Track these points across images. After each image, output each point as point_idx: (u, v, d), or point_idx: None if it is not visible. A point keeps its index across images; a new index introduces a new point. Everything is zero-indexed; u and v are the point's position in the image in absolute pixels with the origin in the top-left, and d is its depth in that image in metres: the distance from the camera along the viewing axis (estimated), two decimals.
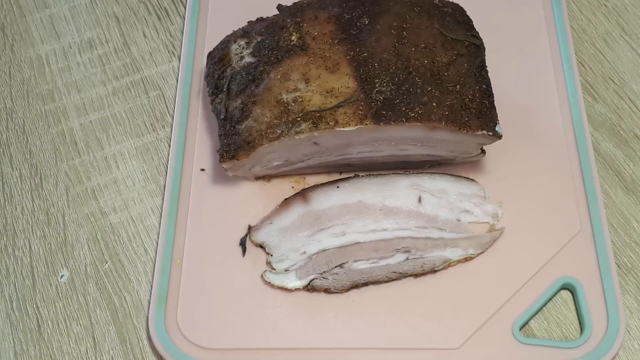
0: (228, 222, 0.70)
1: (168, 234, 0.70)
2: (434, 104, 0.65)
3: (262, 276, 0.68)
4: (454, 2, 0.73)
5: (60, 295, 0.70)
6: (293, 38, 0.69)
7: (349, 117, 0.64)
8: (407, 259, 0.67)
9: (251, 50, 0.70)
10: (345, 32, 0.69)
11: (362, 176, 0.71)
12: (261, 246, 0.69)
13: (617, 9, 0.85)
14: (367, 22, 0.69)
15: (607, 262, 0.68)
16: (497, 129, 0.66)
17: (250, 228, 0.70)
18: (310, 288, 0.67)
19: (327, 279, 0.67)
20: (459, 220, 0.70)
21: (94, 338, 0.68)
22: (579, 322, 0.67)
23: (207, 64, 0.73)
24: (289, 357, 0.64)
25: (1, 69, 0.82)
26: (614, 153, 0.75)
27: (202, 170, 0.74)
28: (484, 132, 0.65)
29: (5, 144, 0.77)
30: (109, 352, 0.67)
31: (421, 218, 0.69)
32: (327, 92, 0.66)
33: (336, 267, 0.67)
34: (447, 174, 0.72)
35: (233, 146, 0.66)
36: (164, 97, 0.80)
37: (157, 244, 0.70)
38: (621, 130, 0.77)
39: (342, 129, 0.64)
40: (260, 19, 0.73)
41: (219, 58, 0.72)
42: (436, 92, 0.65)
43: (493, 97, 0.67)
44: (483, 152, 0.70)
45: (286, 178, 0.73)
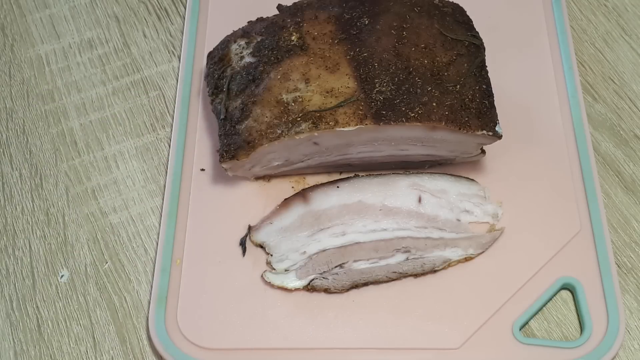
0: (228, 222, 0.70)
1: (168, 234, 0.70)
2: (434, 104, 0.65)
3: (262, 276, 0.68)
4: (454, 2, 0.73)
5: (60, 295, 0.70)
6: (293, 38, 0.69)
7: (349, 117, 0.64)
8: (407, 259, 0.67)
9: (251, 50, 0.70)
10: (345, 32, 0.69)
11: (362, 176, 0.71)
12: (261, 246, 0.69)
13: (617, 9, 0.85)
14: (367, 22, 0.69)
15: (607, 262, 0.68)
16: (497, 129, 0.66)
17: (250, 228, 0.70)
18: (310, 288, 0.67)
19: (327, 279, 0.67)
20: (459, 220, 0.70)
21: (94, 338, 0.68)
22: (579, 322, 0.67)
23: (207, 64, 0.73)
24: (289, 357, 0.64)
25: (1, 69, 0.82)
26: (614, 153, 0.75)
27: (202, 170, 0.74)
28: (484, 132, 0.65)
29: (5, 144, 0.77)
30: (109, 352, 0.67)
31: (421, 218, 0.69)
32: (327, 92, 0.66)
33: (336, 267, 0.67)
34: (447, 174, 0.72)
35: (233, 146, 0.66)
36: (164, 97, 0.80)
37: (157, 244, 0.70)
38: (621, 130, 0.77)
39: (342, 129, 0.64)
40: (260, 19, 0.73)
41: (219, 58, 0.72)
42: (436, 92, 0.65)
43: (493, 97, 0.67)
44: (483, 152, 0.70)
45: (286, 178, 0.73)
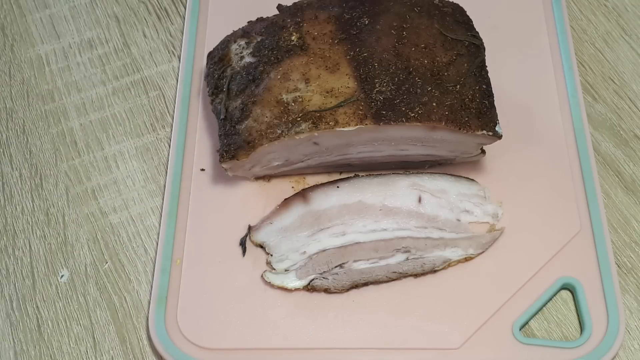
0: (228, 222, 0.70)
1: (168, 234, 0.70)
2: (434, 104, 0.65)
3: (262, 276, 0.68)
4: (454, 2, 0.73)
5: (60, 295, 0.70)
6: (293, 38, 0.69)
7: (349, 117, 0.64)
8: (407, 259, 0.67)
9: (251, 50, 0.70)
10: (345, 32, 0.69)
11: (362, 176, 0.71)
12: (261, 246, 0.69)
13: (617, 9, 0.85)
14: (367, 22, 0.69)
15: (607, 262, 0.68)
16: (497, 129, 0.66)
17: (250, 228, 0.70)
18: (310, 288, 0.67)
19: (327, 279, 0.67)
20: (459, 220, 0.69)
21: (94, 338, 0.68)
22: (579, 322, 0.67)
23: (207, 64, 0.73)
24: (289, 357, 0.64)
25: (1, 69, 0.82)
26: (614, 153, 0.75)
27: (202, 170, 0.74)
28: (484, 132, 0.65)
29: (5, 144, 0.77)
30: (109, 352, 0.67)
31: (421, 218, 0.69)
32: (327, 92, 0.66)
33: (336, 267, 0.67)
34: (447, 174, 0.72)
35: (233, 146, 0.66)
36: (164, 97, 0.80)
37: (157, 244, 0.70)
38: (621, 130, 0.77)
39: (342, 129, 0.64)
40: (260, 19, 0.73)
41: (219, 58, 0.72)
42: (436, 92, 0.65)
43: (493, 97, 0.67)
44: (483, 152, 0.70)
45: (286, 178, 0.73)
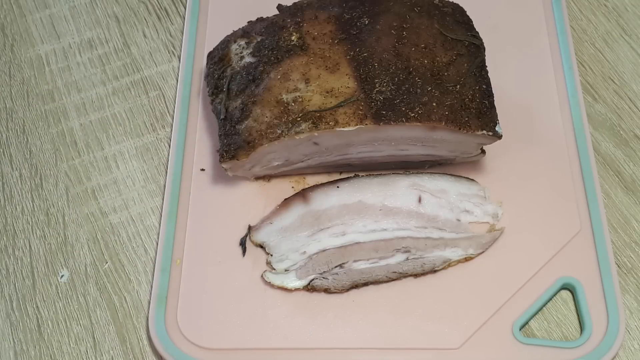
0: (228, 222, 0.70)
1: (168, 234, 0.70)
2: (434, 104, 0.65)
3: (262, 276, 0.68)
4: (454, 2, 0.73)
5: (60, 295, 0.70)
6: (293, 38, 0.69)
7: (349, 117, 0.64)
8: (407, 259, 0.67)
9: (251, 50, 0.70)
10: (345, 32, 0.69)
11: (362, 176, 0.71)
12: (261, 246, 0.69)
13: (617, 9, 0.85)
14: (367, 22, 0.69)
15: (607, 262, 0.68)
16: (497, 129, 0.66)
17: (250, 228, 0.70)
18: (310, 288, 0.67)
19: (327, 279, 0.67)
20: (459, 220, 0.69)
21: (94, 338, 0.68)
22: (579, 322, 0.67)
23: (207, 64, 0.73)
24: (289, 357, 0.64)
25: (1, 69, 0.82)
26: (614, 153, 0.75)
27: (202, 170, 0.74)
28: (484, 132, 0.65)
29: (5, 144, 0.77)
30: (109, 352, 0.67)
31: (421, 218, 0.69)
32: (327, 92, 0.66)
33: (336, 267, 0.67)
34: (447, 174, 0.72)
35: (233, 146, 0.66)
36: (164, 97, 0.80)
37: (157, 244, 0.70)
38: (621, 130, 0.77)
39: (342, 129, 0.64)
40: (260, 19, 0.73)
41: (219, 58, 0.72)
42: (436, 92, 0.65)
43: (493, 97, 0.67)
44: (483, 152, 0.70)
45: (286, 178, 0.73)
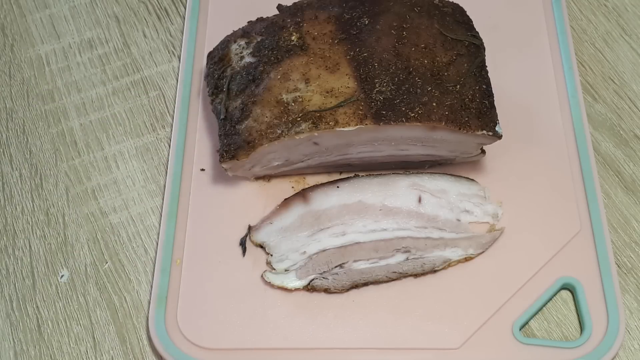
0: (228, 222, 0.70)
1: (168, 234, 0.70)
2: (434, 104, 0.65)
3: (262, 276, 0.68)
4: (454, 2, 0.73)
5: (60, 295, 0.70)
6: (293, 38, 0.69)
7: (349, 117, 0.64)
8: (407, 259, 0.67)
9: (251, 50, 0.70)
10: (345, 32, 0.69)
11: (362, 176, 0.71)
12: (261, 246, 0.69)
13: (617, 9, 0.85)
14: (367, 22, 0.69)
15: (607, 262, 0.67)
16: (497, 129, 0.66)
17: (250, 228, 0.70)
18: (310, 288, 0.67)
19: (327, 279, 0.67)
20: (459, 220, 0.69)
21: (94, 338, 0.68)
22: (579, 322, 0.67)
23: (207, 64, 0.73)
24: (289, 357, 0.64)
25: (1, 69, 0.82)
26: (614, 153, 0.75)
27: (202, 170, 0.74)
28: (484, 132, 0.65)
29: (5, 144, 0.77)
30: (109, 352, 0.67)
31: (421, 218, 0.69)
32: (327, 92, 0.66)
33: (336, 267, 0.67)
34: (447, 174, 0.72)
35: (233, 146, 0.66)
36: (164, 97, 0.80)
37: (157, 244, 0.70)
38: (621, 130, 0.77)
39: (342, 129, 0.64)
40: (260, 19, 0.73)
41: (219, 58, 0.72)
42: (436, 92, 0.65)
43: (493, 97, 0.67)
44: (483, 152, 0.70)
45: (286, 178, 0.73)
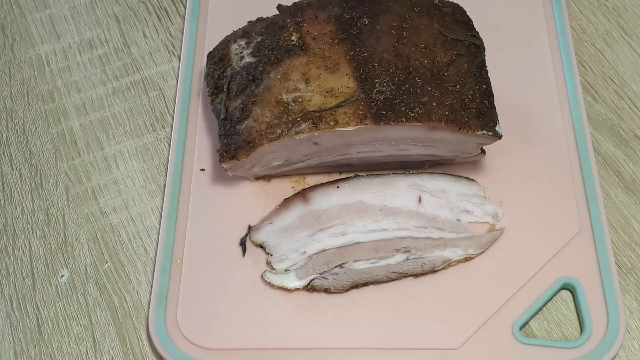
0: (228, 222, 0.70)
1: (168, 234, 0.70)
2: (434, 104, 0.65)
3: (262, 276, 0.68)
4: (454, 2, 0.73)
5: (60, 295, 0.70)
6: (293, 38, 0.69)
7: (349, 117, 0.64)
8: (407, 259, 0.67)
9: (251, 50, 0.70)
10: (345, 32, 0.69)
11: (362, 176, 0.71)
12: (261, 246, 0.69)
13: (617, 9, 0.85)
14: (367, 22, 0.69)
15: (607, 262, 0.67)
16: (497, 129, 0.66)
17: (250, 228, 0.70)
18: (310, 288, 0.67)
19: (327, 279, 0.67)
20: (459, 220, 0.69)
21: (94, 338, 0.68)
22: (579, 322, 0.67)
23: (207, 64, 0.73)
24: (289, 357, 0.64)
25: (1, 69, 0.82)
26: (614, 153, 0.75)
27: (202, 170, 0.74)
28: (484, 132, 0.65)
29: (5, 144, 0.77)
30: (109, 352, 0.67)
31: (421, 218, 0.69)
32: (327, 92, 0.66)
33: (336, 267, 0.67)
34: (447, 174, 0.72)
35: (233, 146, 0.66)
36: (164, 97, 0.80)
37: (157, 244, 0.70)
38: (621, 130, 0.77)
39: (342, 129, 0.64)
40: (260, 19, 0.73)
41: (219, 58, 0.72)
42: (436, 92, 0.65)
43: (493, 97, 0.67)
44: (483, 152, 0.70)
45: (286, 178, 0.73)
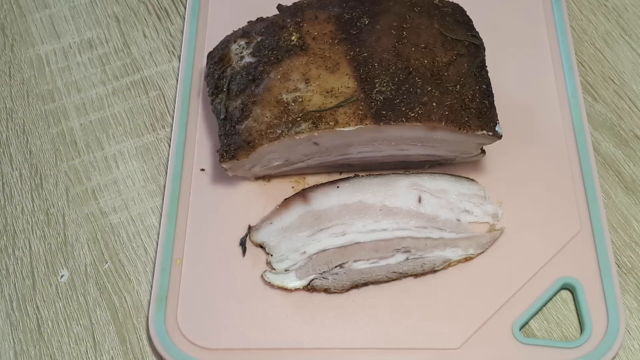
0: (228, 222, 0.70)
1: (168, 234, 0.70)
2: (434, 104, 0.65)
3: (262, 276, 0.68)
4: (454, 2, 0.73)
5: (60, 295, 0.70)
6: (293, 38, 0.69)
7: (349, 117, 0.64)
8: (407, 259, 0.67)
9: (251, 50, 0.70)
10: (345, 32, 0.69)
11: (362, 176, 0.71)
12: (261, 246, 0.69)
13: (617, 9, 0.85)
14: (367, 22, 0.69)
15: (607, 262, 0.67)
16: (497, 129, 0.66)
17: (250, 228, 0.70)
18: (310, 288, 0.67)
19: (327, 279, 0.67)
20: (459, 220, 0.69)
21: (94, 338, 0.68)
22: (579, 322, 0.67)
23: (207, 64, 0.73)
24: (289, 357, 0.64)
25: (1, 69, 0.82)
26: (614, 153, 0.75)
27: (202, 170, 0.74)
28: (484, 132, 0.65)
29: (5, 144, 0.77)
30: (109, 352, 0.67)
31: (421, 218, 0.69)
32: (327, 92, 0.66)
33: (336, 267, 0.67)
34: (447, 174, 0.72)
35: (233, 146, 0.66)
36: (164, 97, 0.80)
37: (157, 244, 0.70)
38: (621, 130, 0.77)
39: (342, 129, 0.64)
40: (260, 19, 0.73)
41: (219, 58, 0.72)
42: (436, 92, 0.65)
43: (493, 97, 0.67)
44: (483, 152, 0.70)
45: (286, 178, 0.73)
